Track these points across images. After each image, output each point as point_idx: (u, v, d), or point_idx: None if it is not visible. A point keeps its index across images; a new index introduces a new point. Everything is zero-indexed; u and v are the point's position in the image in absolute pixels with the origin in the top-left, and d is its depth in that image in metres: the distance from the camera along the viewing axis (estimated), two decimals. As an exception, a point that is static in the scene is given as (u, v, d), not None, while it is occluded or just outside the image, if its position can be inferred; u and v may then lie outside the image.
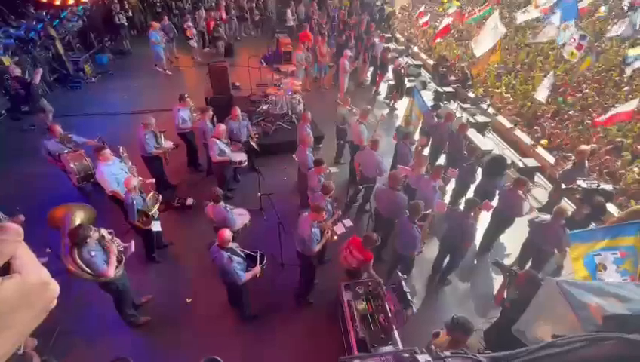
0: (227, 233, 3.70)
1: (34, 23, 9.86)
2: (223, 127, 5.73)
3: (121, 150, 5.46)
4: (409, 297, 3.63)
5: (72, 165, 5.26)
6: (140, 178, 5.36)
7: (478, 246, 5.68)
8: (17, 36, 9.12)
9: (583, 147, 5.81)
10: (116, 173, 4.92)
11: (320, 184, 4.78)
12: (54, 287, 0.53)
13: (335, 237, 4.46)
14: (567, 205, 6.01)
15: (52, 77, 9.90)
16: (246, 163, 6.22)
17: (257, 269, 3.99)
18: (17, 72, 7.75)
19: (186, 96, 6.40)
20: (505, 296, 3.88)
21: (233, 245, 3.89)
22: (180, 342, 4.30)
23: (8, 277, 0.46)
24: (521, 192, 5.03)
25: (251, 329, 4.46)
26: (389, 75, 10.97)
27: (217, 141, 5.60)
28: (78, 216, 3.69)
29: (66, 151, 5.45)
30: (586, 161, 5.66)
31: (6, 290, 0.45)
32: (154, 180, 5.70)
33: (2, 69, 8.13)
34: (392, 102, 10.41)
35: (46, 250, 4.69)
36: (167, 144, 6.05)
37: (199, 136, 6.36)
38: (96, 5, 13.08)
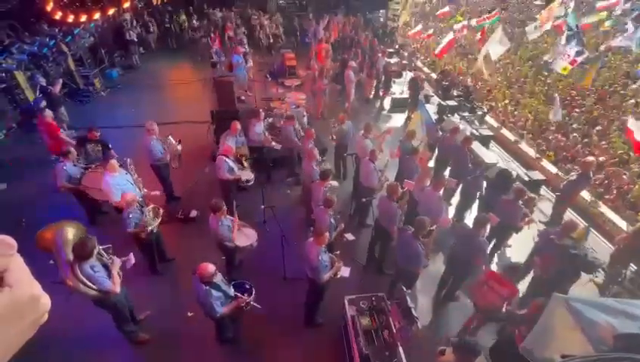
0: (209, 268, 3.51)
1: (47, 39, 10.18)
2: (232, 146, 5.76)
3: (128, 162, 5.52)
4: (414, 313, 3.55)
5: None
6: (145, 190, 5.40)
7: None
8: (31, 52, 9.40)
9: (589, 158, 5.74)
10: (121, 185, 4.95)
11: (324, 197, 4.76)
12: (45, 302, 0.52)
13: (338, 276, 4.24)
14: (577, 219, 5.92)
15: (62, 91, 10.15)
16: (252, 182, 6.15)
17: (236, 304, 3.72)
18: (42, 81, 8.36)
19: (260, 110, 6.78)
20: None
21: (218, 278, 3.66)
22: (180, 355, 4.24)
23: None
24: (520, 202, 4.99)
25: (251, 343, 4.38)
26: (392, 89, 11.11)
27: (226, 159, 5.58)
28: (70, 232, 3.53)
29: (92, 169, 5.42)
30: (591, 173, 5.60)
31: None
32: (158, 192, 5.73)
33: (14, 83, 8.40)
34: (382, 97, 11.05)
35: (49, 262, 4.70)
36: (174, 146, 6.02)
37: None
38: (107, 22, 13.51)
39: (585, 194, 6.59)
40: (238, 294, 3.75)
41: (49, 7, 8.83)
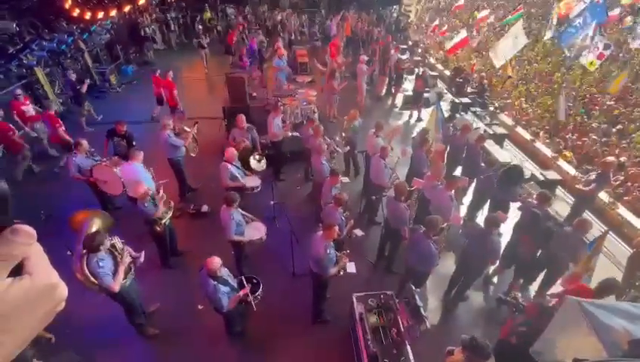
0: (215, 261, 3.53)
1: (65, 36, 10.43)
2: (233, 150, 5.55)
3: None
4: (422, 311, 3.53)
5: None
6: (156, 181, 5.51)
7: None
8: (50, 48, 9.65)
9: (610, 158, 5.57)
10: (143, 172, 5.21)
11: (332, 194, 4.75)
12: (62, 290, 0.53)
13: (341, 273, 4.24)
14: (590, 218, 5.76)
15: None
16: (259, 188, 5.89)
17: (241, 294, 3.71)
18: (73, 77, 8.70)
19: (279, 104, 6.89)
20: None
21: (224, 272, 3.71)
22: (190, 348, 4.32)
23: (19, 278, 0.47)
24: (546, 207, 4.87)
25: (260, 339, 4.43)
26: (404, 86, 10.98)
27: (229, 166, 5.36)
28: (96, 224, 3.71)
29: (102, 162, 5.52)
30: (611, 174, 5.42)
31: (15, 291, 0.46)
32: (167, 180, 5.81)
33: (35, 79, 8.66)
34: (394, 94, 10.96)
35: (67, 253, 4.84)
36: (189, 133, 6.14)
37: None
38: (123, 19, 13.74)
39: (603, 195, 6.40)
40: (243, 286, 3.79)
41: (67, 5, 9.02)
